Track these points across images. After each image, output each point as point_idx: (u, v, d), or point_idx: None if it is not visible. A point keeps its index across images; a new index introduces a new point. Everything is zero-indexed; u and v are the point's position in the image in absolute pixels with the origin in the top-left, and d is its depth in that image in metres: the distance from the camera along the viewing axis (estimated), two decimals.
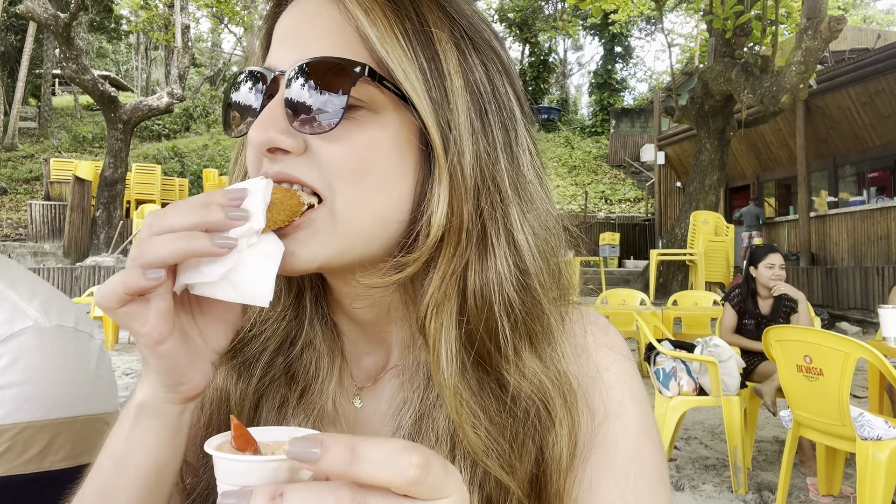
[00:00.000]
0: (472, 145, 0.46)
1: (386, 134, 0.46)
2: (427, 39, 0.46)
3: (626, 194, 21.84)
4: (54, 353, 0.71)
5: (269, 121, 0.46)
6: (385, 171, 0.46)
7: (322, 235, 0.46)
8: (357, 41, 0.47)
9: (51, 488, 0.69)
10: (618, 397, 0.50)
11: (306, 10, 0.49)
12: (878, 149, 11.03)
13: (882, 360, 2.48)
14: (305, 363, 0.54)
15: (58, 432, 0.69)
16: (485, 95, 0.48)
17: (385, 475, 0.29)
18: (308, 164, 0.46)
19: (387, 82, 0.46)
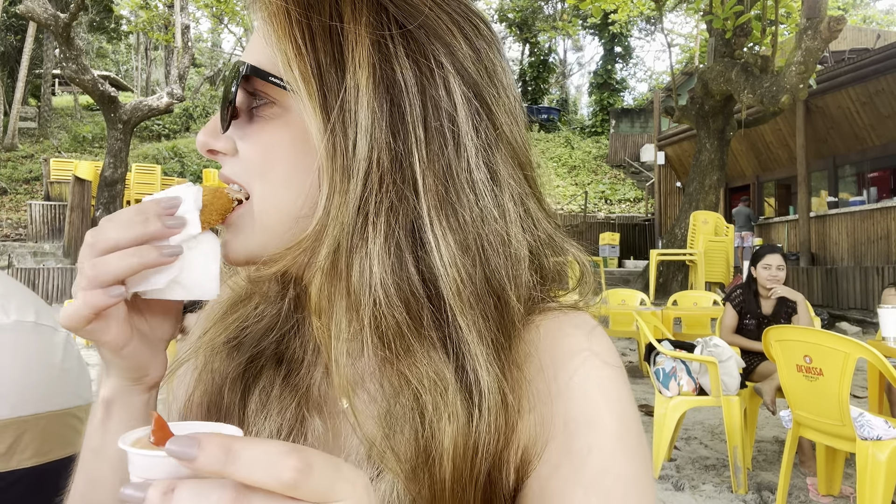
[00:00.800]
0: (369, 141, 0.44)
1: (288, 130, 0.48)
2: (331, 34, 0.46)
3: (626, 194, 21.84)
4: (15, 351, 0.71)
5: (210, 126, 0.51)
6: (287, 168, 0.48)
7: (246, 231, 0.50)
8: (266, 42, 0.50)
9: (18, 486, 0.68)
10: (592, 406, 0.47)
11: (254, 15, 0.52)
12: (878, 149, 11.03)
13: (882, 360, 2.48)
14: (292, 347, 0.56)
15: (23, 430, 0.68)
16: (404, 91, 0.45)
17: (261, 477, 0.29)
18: (236, 164, 0.51)
19: (272, 78, 0.48)
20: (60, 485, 0.73)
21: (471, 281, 0.46)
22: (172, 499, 0.30)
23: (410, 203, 0.45)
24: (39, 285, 10.72)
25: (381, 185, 0.45)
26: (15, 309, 0.73)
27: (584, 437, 0.46)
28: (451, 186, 0.46)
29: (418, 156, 0.45)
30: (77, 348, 0.81)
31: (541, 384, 0.48)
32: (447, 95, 0.47)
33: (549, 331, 0.50)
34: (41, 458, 0.70)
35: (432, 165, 0.46)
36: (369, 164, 0.44)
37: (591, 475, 0.45)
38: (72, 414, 0.75)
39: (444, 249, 0.45)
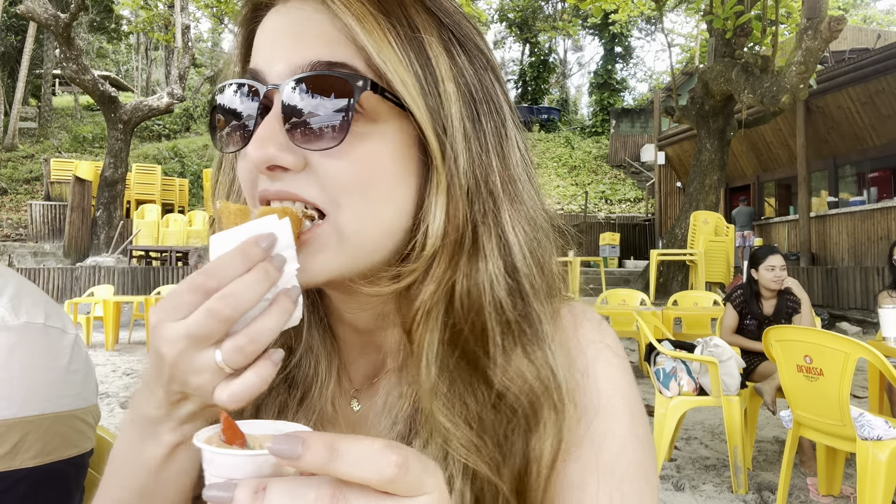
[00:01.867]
0: (466, 150, 0.46)
1: (386, 145, 0.46)
2: (419, 45, 0.45)
3: (627, 194, 21.84)
4: (22, 351, 0.71)
5: (268, 137, 0.44)
6: (388, 182, 0.46)
7: (329, 250, 0.46)
8: (352, 50, 0.45)
9: (21, 485, 0.68)
10: (607, 395, 0.50)
11: (293, 17, 0.47)
12: (879, 149, 11.03)
13: (882, 360, 2.48)
14: (304, 369, 0.55)
15: (27, 430, 0.69)
16: (476, 97, 0.47)
17: (364, 473, 0.30)
18: (308, 181, 0.45)
19: (388, 94, 0.45)
20: (62, 485, 0.74)
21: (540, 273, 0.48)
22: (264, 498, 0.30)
23: (496, 206, 0.47)
24: (40, 285, 10.68)
25: (479, 190, 0.46)
26: (25, 310, 0.74)
27: (600, 424, 0.48)
28: (513, 183, 0.48)
29: (495, 161, 0.47)
30: (85, 351, 0.81)
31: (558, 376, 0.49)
32: (498, 100, 0.49)
33: (565, 321, 0.52)
34: (44, 458, 0.70)
35: (504, 165, 0.48)
36: (469, 175, 0.46)
37: (606, 460, 0.48)
38: (76, 416, 0.75)
39: (523, 246, 0.47)
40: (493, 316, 0.46)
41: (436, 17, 0.47)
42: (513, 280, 0.47)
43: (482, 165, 0.46)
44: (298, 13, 0.47)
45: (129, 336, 8.60)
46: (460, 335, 0.46)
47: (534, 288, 0.47)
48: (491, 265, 0.46)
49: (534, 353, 0.47)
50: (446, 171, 0.45)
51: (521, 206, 0.49)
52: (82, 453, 0.76)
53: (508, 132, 0.49)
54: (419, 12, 0.47)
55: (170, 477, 0.47)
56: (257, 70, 0.48)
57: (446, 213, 0.45)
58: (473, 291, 0.46)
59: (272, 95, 0.46)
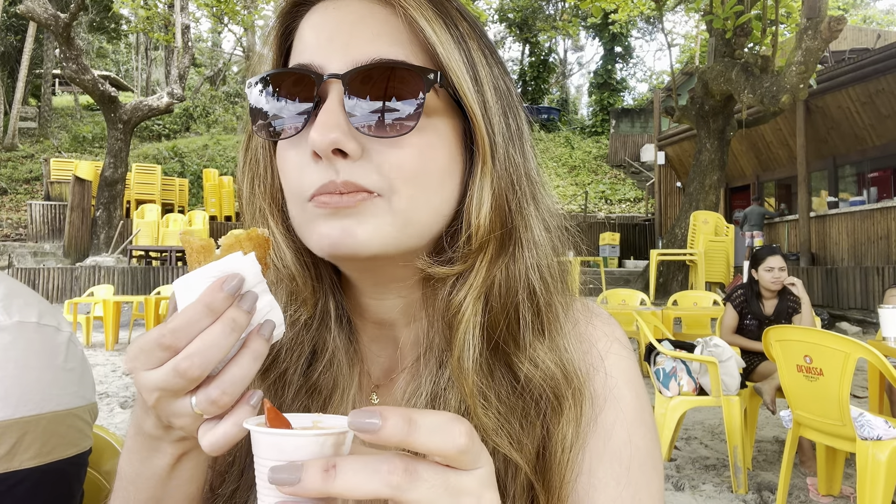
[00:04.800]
0: (504, 146, 0.49)
1: (440, 138, 0.48)
2: (468, 49, 0.48)
3: (626, 194, 21.84)
4: (16, 351, 0.71)
5: (332, 123, 0.45)
6: (441, 171, 0.49)
7: (380, 220, 0.47)
8: (416, 45, 0.48)
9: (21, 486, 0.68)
10: (616, 384, 0.52)
11: (351, 11, 0.48)
12: (878, 149, 11.03)
13: (882, 360, 2.48)
14: (327, 375, 0.55)
15: (25, 431, 0.69)
16: (506, 99, 0.51)
17: (439, 443, 0.31)
18: (366, 169, 0.47)
19: (450, 90, 0.48)
20: (63, 484, 0.73)
21: (557, 267, 0.52)
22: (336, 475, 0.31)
23: (526, 201, 0.50)
24: (39, 285, 10.72)
25: (513, 185, 0.49)
26: (17, 309, 0.73)
27: (609, 412, 0.51)
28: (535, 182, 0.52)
29: (520, 158, 0.51)
30: (80, 349, 0.81)
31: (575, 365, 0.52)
32: (518, 103, 0.53)
33: (578, 314, 0.55)
34: (43, 458, 0.70)
35: (527, 165, 0.51)
36: (508, 171, 0.49)
37: (615, 446, 0.50)
38: (74, 414, 0.75)
39: (545, 241, 0.51)
40: (524, 305, 0.49)
41: (473, 26, 0.51)
42: (540, 273, 0.50)
43: (515, 162, 0.50)
44: (354, 8, 0.48)
45: (129, 336, 8.59)
46: (496, 324, 0.48)
47: (553, 280, 0.51)
48: (527, 255, 0.49)
49: (555, 343, 0.50)
50: (494, 166, 0.48)
51: (541, 202, 0.52)
52: (82, 452, 0.76)
53: (525, 133, 0.53)
54: (463, 21, 0.50)
55: (178, 485, 0.48)
56: (310, 64, 0.48)
57: (492, 204, 0.48)
58: (512, 281, 0.49)
59: (328, 86, 0.47)
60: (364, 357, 0.58)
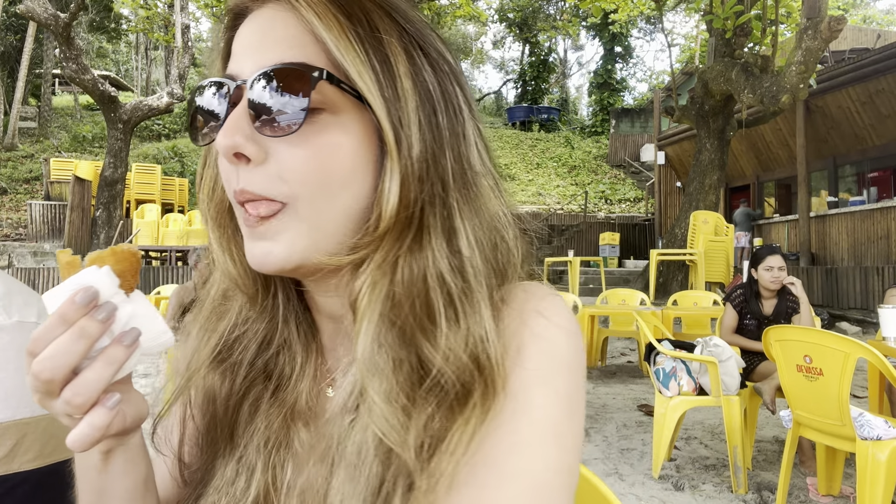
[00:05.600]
0: (420, 141, 0.49)
1: (347, 135, 0.49)
2: (378, 44, 0.49)
3: (626, 194, 21.83)
4: (16, 351, 0.70)
5: (234, 127, 0.48)
6: (347, 169, 0.49)
7: (292, 233, 0.49)
8: (314, 46, 0.49)
9: (21, 488, 0.68)
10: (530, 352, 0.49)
11: (263, 20, 0.51)
12: (879, 149, 11.03)
13: (882, 360, 2.48)
14: (280, 363, 0.58)
15: (24, 432, 0.68)
16: (433, 96, 0.51)
17: None
18: (267, 176, 0.49)
19: (344, 84, 0.49)
20: (63, 486, 0.73)
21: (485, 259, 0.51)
22: None
23: (446, 195, 0.50)
24: (40, 285, 10.71)
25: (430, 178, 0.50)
26: (17, 309, 0.73)
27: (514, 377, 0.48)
28: (469, 177, 0.52)
29: (448, 153, 0.51)
30: None
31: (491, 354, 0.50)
32: (457, 98, 0.53)
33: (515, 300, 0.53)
34: (43, 459, 0.70)
35: (457, 160, 0.52)
36: (422, 164, 0.49)
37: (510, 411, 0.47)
38: None
39: (470, 234, 0.51)
40: (431, 292, 0.48)
41: (397, 22, 0.52)
42: (455, 261, 0.49)
43: (435, 157, 0.50)
44: (266, 17, 0.51)
45: None
46: (400, 310, 0.48)
47: (475, 272, 0.50)
48: (436, 245, 0.49)
49: (469, 332, 0.48)
50: (400, 158, 0.49)
51: (475, 199, 0.52)
52: None
53: (467, 133, 0.53)
54: (381, 17, 0.51)
55: (114, 478, 0.53)
56: (231, 73, 0.52)
57: (399, 196, 0.49)
58: (415, 267, 0.49)
59: (241, 93, 0.50)
60: (324, 350, 0.60)
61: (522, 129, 29.53)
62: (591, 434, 4.17)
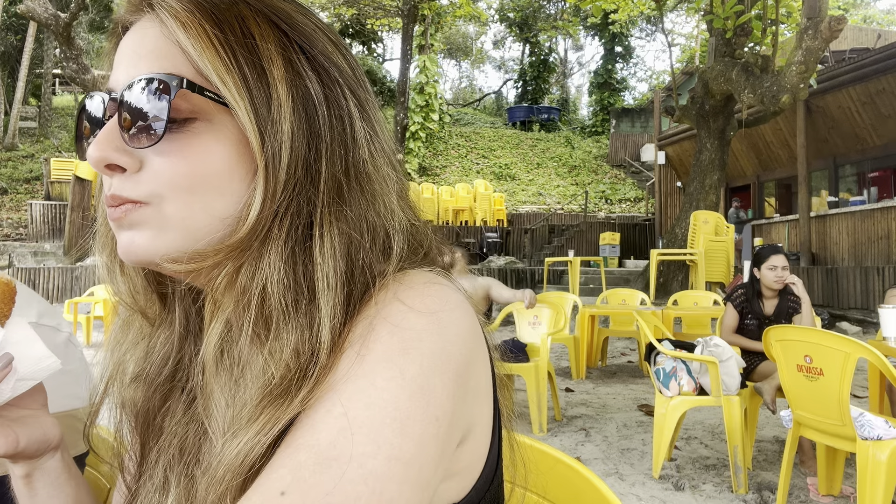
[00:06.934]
0: (290, 149, 0.48)
1: (219, 141, 0.49)
2: (250, 50, 0.49)
3: (627, 194, 21.83)
4: None
5: (105, 140, 0.49)
6: (219, 176, 0.49)
7: (154, 228, 0.50)
8: (179, 56, 0.49)
9: None
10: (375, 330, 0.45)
11: (136, 36, 0.52)
12: (879, 148, 11.03)
13: (882, 360, 2.48)
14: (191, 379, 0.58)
15: None
16: (314, 102, 0.50)
17: None
18: (138, 181, 0.49)
19: (208, 92, 0.48)
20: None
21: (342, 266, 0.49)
22: None
23: (311, 203, 0.49)
24: (40, 285, 10.72)
25: (295, 189, 0.49)
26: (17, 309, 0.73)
27: (351, 352, 0.45)
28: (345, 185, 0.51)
29: (325, 162, 0.50)
30: (80, 349, 0.81)
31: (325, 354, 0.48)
32: (345, 104, 0.52)
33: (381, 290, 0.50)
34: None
35: (333, 169, 0.50)
36: (289, 171, 0.48)
37: (340, 379, 0.44)
38: (73, 416, 0.75)
39: (330, 242, 0.49)
40: (270, 299, 0.47)
41: (278, 27, 0.51)
42: (303, 269, 0.48)
43: (308, 166, 0.49)
44: (139, 32, 0.52)
45: None
46: (241, 316, 0.48)
47: (329, 279, 0.48)
48: (279, 254, 0.48)
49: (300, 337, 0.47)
50: (266, 167, 0.48)
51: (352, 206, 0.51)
52: (81, 454, 0.75)
53: (357, 138, 0.52)
54: (259, 23, 0.50)
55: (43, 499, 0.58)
56: (109, 87, 0.53)
57: (261, 205, 0.48)
58: (257, 276, 0.48)
59: (113, 108, 0.51)
60: None
61: (523, 128, 29.53)
62: (592, 434, 4.17)
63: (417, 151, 22.27)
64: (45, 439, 0.56)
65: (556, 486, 0.82)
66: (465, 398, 0.48)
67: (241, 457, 0.44)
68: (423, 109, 22.31)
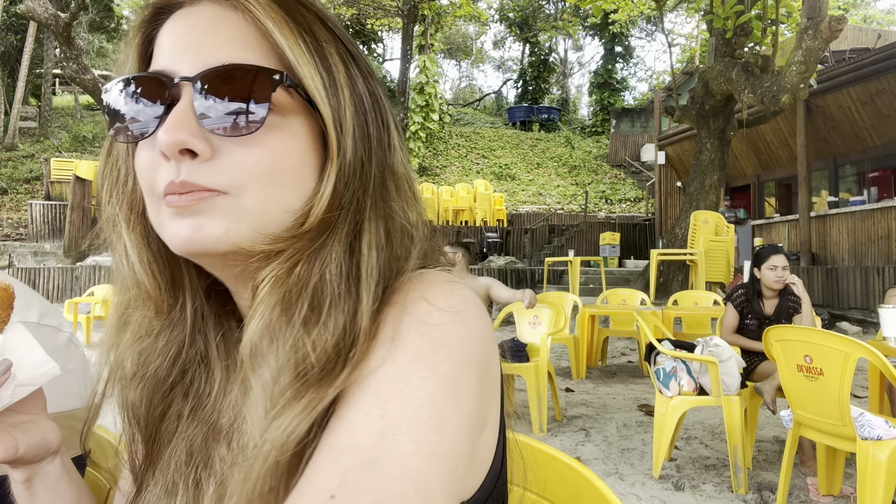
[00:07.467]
0: (353, 149, 0.51)
1: (294, 137, 0.50)
2: (322, 53, 0.51)
3: (627, 194, 21.83)
4: None
5: (181, 124, 0.47)
6: (294, 169, 0.50)
7: (228, 218, 0.49)
8: (265, 49, 0.50)
9: None
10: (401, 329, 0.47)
11: (204, 17, 0.50)
12: (879, 148, 11.03)
13: (882, 359, 2.48)
14: (197, 380, 0.58)
15: None
16: (366, 104, 0.54)
17: None
18: (212, 169, 0.48)
19: (299, 89, 0.50)
20: None
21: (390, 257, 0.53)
22: None
23: (363, 198, 0.52)
24: (40, 285, 10.72)
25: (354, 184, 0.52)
26: (17, 310, 0.73)
27: (382, 350, 0.46)
28: (389, 183, 0.55)
29: (374, 160, 0.53)
30: (81, 350, 0.81)
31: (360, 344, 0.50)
32: (385, 112, 0.56)
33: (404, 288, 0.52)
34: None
35: (379, 167, 0.54)
36: (352, 170, 0.51)
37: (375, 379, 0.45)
38: (74, 416, 0.75)
39: (377, 235, 0.52)
40: (317, 289, 0.49)
41: (334, 34, 0.54)
42: (349, 261, 0.50)
43: (362, 163, 0.52)
44: (206, 15, 0.51)
45: None
46: (287, 302, 0.49)
47: (369, 270, 0.50)
48: (336, 247, 0.50)
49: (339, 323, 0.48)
50: (338, 164, 0.51)
51: (389, 204, 0.54)
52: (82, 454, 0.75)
53: (392, 141, 0.56)
54: (320, 28, 0.53)
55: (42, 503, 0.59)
56: (164, 69, 0.51)
57: (329, 199, 0.50)
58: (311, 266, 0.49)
59: (180, 90, 0.49)
60: None
61: (523, 128, 29.52)
62: (592, 434, 4.17)
63: (417, 151, 22.26)
64: (44, 444, 0.56)
65: (555, 485, 0.82)
66: (484, 396, 0.50)
67: (287, 434, 0.44)
68: (423, 109, 22.32)
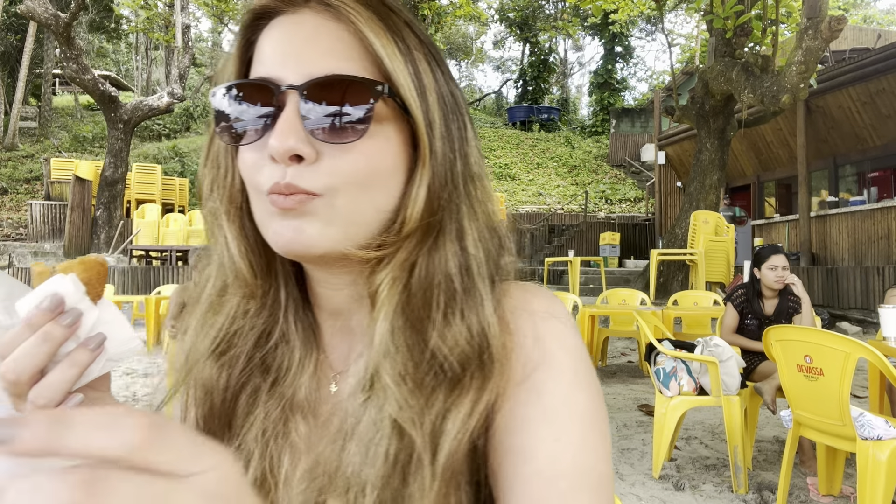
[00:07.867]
0: (442, 151, 0.54)
1: (388, 142, 0.53)
2: (413, 59, 0.53)
3: (627, 194, 21.83)
4: None
5: (290, 130, 0.50)
6: (387, 173, 0.53)
7: (324, 220, 0.52)
8: (365, 59, 0.52)
9: None
10: (550, 351, 0.53)
11: (306, 27, 0.52)
12: (879, 148, 11.02)
13: (882, 359, 2.48)
14: (279, 356, 0.59)
15: None
16: (448, 106, 0.56)
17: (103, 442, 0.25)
18: (315, 173, 0.51)
19: (397, 99, 0.52)
20: None
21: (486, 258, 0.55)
22: None
23: (458, 199, 0.55)
24: None
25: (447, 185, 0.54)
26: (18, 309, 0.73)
27: (541, 373, 0.52)
28: (474, 181, 0.57)
29: (459, 162, 0.55)
30: None
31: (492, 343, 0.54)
32: (463, 112, 0.58)
33: (516, 298, 0.57)
34: None
35: (465, 166, 0.56)
36: (443, 171, 0.54)
37: (549, 404, 0.51)
38: None
39: (475, 233, 0.55)
40: (441, 287, 0.52)
41: (420, 39, 0.56)
42: (462, 260, 0.54)
43: (451, 164, 0.55)
44: (308, 24, 0.52)
45: None
46: (413, 303, 0.52)
47: (479, 269, 0.54)
48: (448, 246, 0.54)
49: (470, 321, 0.52)
50: (429, 166, 0.53)
51: (476, 201, 0.57)
52: None
53: (469, 140, 0.58)
54: (410, 34, 0.55)
55: None
56: (269, 76, 0.53)
57: (425, 201, 0.53)
58: (430, 266, 0.53)
59: (286, 97, 0.51)
60: (325, 347, 0.62)
61: (523, 128, 29.53)
62: None
63: None
64: None
65: None
66: None
67: (458, 441, 0.49)
68: None
